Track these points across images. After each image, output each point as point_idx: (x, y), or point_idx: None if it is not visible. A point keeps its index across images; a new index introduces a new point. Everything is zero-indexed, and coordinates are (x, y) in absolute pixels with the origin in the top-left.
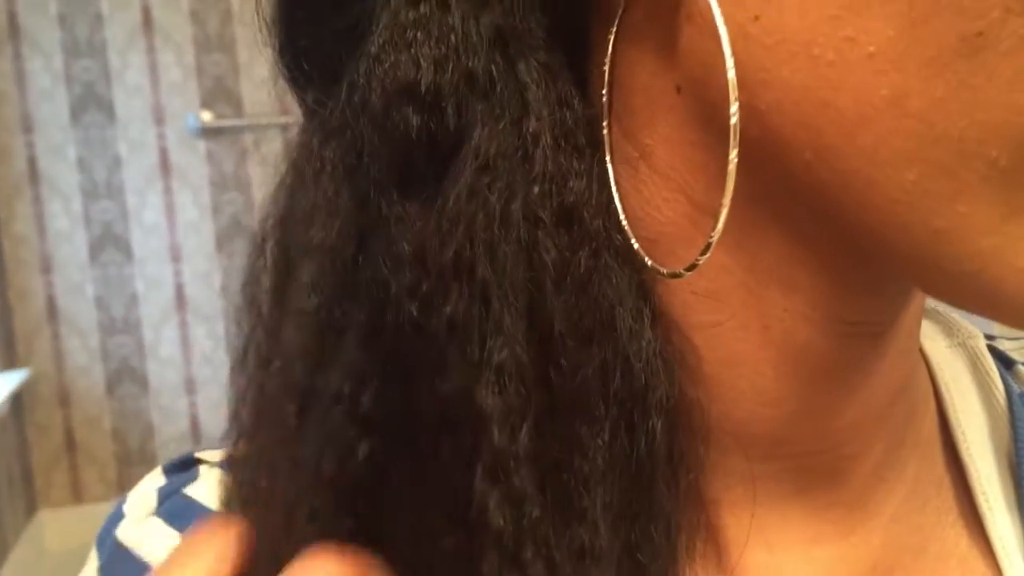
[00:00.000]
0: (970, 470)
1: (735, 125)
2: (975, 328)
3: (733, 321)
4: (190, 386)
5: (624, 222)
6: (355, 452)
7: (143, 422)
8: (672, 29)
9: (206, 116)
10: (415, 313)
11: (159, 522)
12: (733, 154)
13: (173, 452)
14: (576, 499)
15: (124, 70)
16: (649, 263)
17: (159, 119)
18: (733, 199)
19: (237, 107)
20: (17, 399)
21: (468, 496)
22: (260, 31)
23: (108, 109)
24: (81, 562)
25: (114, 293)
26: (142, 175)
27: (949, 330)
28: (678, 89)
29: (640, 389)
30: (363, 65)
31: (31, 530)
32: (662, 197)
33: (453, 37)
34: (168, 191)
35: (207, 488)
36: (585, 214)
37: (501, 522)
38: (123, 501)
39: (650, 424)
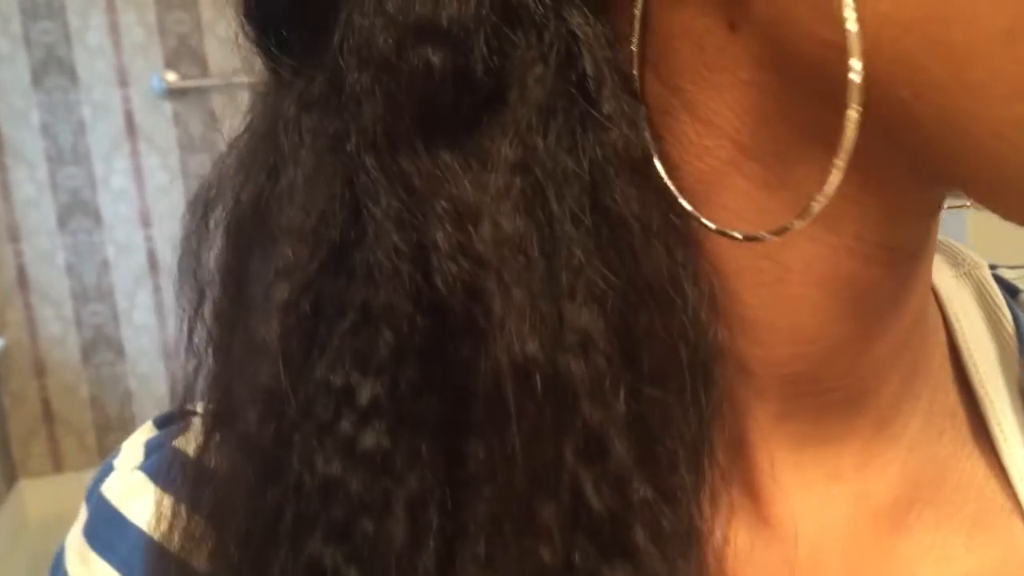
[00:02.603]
0: (983, 400)
1: (855, 79)
2: (979, 257)
3: (775, 264)
4: (167, 351)
5: (665, 177)
6: (354, 448)
7: (121, 389)
8: None
9: (171, 77)
10: (465, 275)
11: (142, 477)
12: (852, 112)
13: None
14: (670, 470)
15: (85, 31)
16: (714, 227)
17: (123, 81)
18: (783, 135)
19: (202, 67)
20: None
21: (553, 482)
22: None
23: (70, 72)
24: (64, 530)
25: (85, 260)
26: (108, 139)
27: (955, 260)
28: (731, 27)
29: (704, 345)
30: (359, 6)
31: (12, 500)
32: (703, 145)
33: None
34: (135, 155)
35: (196, 438)
36: (646, 163)
37: (604, 505)
38: (116, 454)
39: (711, 378)
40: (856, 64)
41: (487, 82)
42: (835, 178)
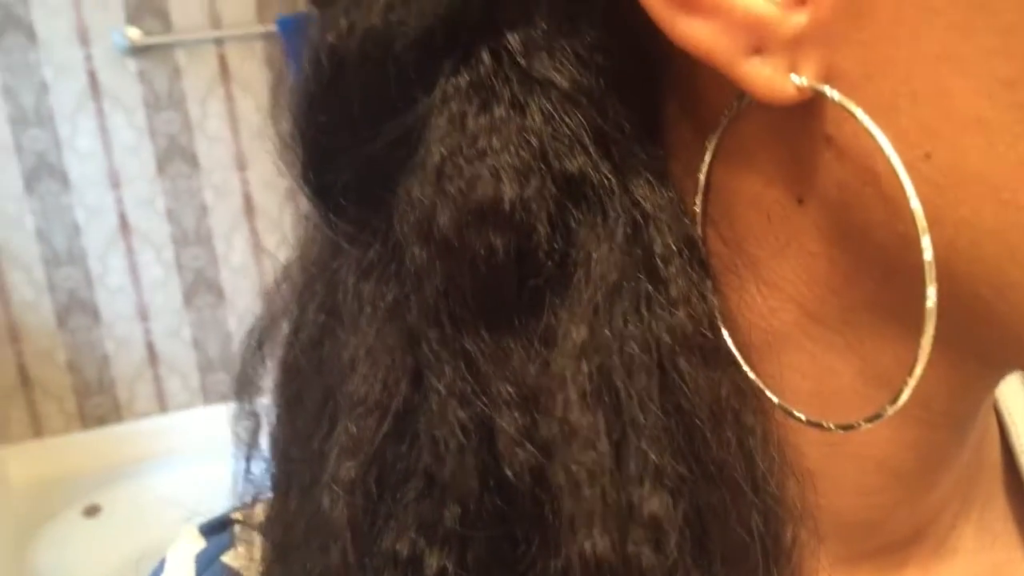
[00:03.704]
0: None
1: (930, 263)
2: None
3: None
4: (143, 313)
5: (738, 356)
6: None
7: (98, 353)
8: (800, 147)
9: (133, 33)
10: (532, 462)
11: None
12: (931, 292)
13: (132, 380)
14: None
15: None
16: (804, 418)
17: (84, 39)
18: (851, 305)
19: (165, 22)
20: None
21: None
22: (275, 146)
23: (28, 31)
24: (46, 494)
25: (54, 224)
26: (72, 99)
27: None
28: (800, 201)
29: (775, 513)
30: (418, 184)
31: None
32: (768, 306)
33: (536, 141)
34: (100, 114)
35: (245, 555)
36: (714, 335)
37: None
38: (163, 561)
39: (781, 545)
40: (926, 242)
41: (550, 263)
42: (919, 367)
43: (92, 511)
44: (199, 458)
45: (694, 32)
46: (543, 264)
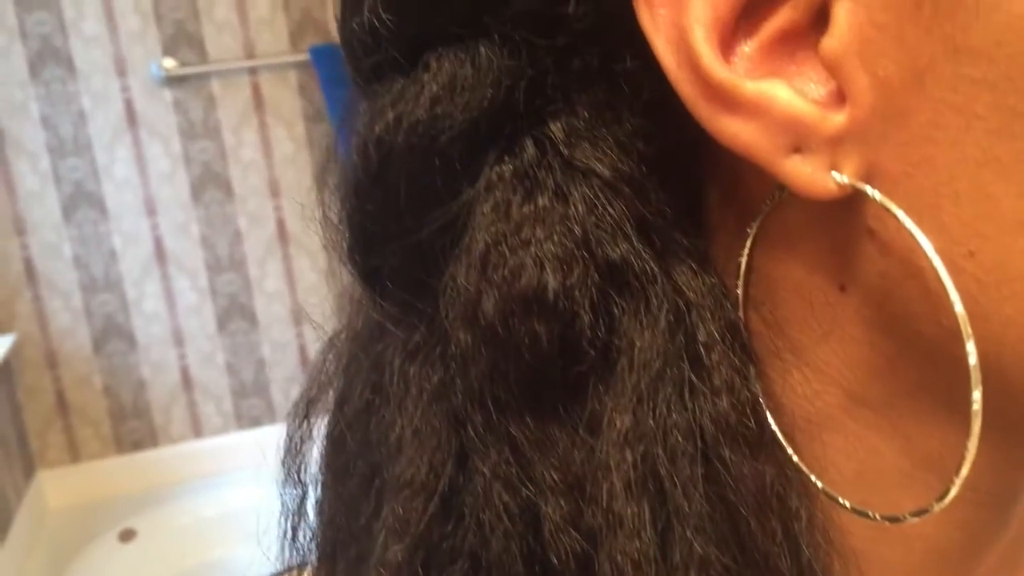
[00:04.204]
0: None
1: (975, 366)
2: None
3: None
4: (178, 338)
5: (785, 444)
6: None
7: (134, 377)
8: (842, 238)
9: (169, 64)
10: (578, 549)
11: None
12: (976, 396)
13: (167, 405)
14: None
15: (79, 20)
16: (849, 506)
17: (121, 70)
18: (896, 390)
19: (201, 52)
20: (6, 365)
21: None
22: (323, 230)
23: (67, 63)
24: (82, 519)
25: (92, 251)
26: (109, 129)
27: None
28: (842, 288)
29: None
30: (463, 270)
31: (32, 492)
32: (811, 389)
33: (579, 229)
34: (137, 143)
35: None
36: (757, 422)
37: None
38: None
39: None
40: (970, 346)
41: (594, 350)
42: (966, 467)
43: (127, 536)
44: (233, 483)
45: (734, 130)
46: (587, 352)
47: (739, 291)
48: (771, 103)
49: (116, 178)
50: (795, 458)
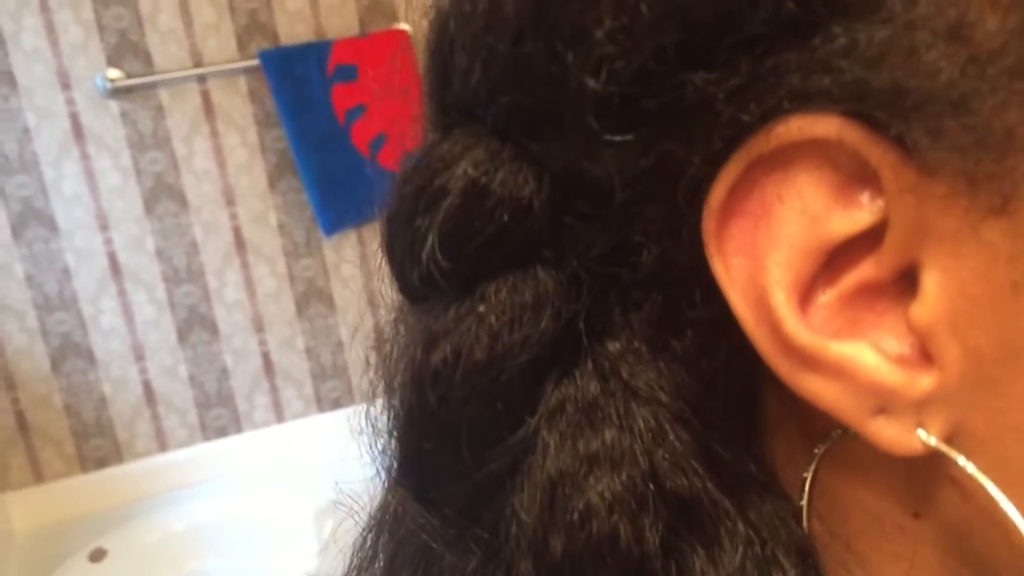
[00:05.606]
0: None
1: None
2: None
3: None
4: (138, 353)
5: None
6: None
7: (95, 394)
8: (921, 478)
9: (114, 74)
10: None
11: None
12: None
13: (130, 420)
14: None
15: (19, 33)
16: None
17: (65, 83)
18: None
19: (146, 62)
20: None
21: None
22: (372, 448)
23: (8, 78)
24: (51, 540)
25: (44, 270)
26: (55, 144)
27: None
28: (916, 516)
29: None
30: (526, 503)
31: None
32: None
33: (645, 462)
34: (85, 158)
35: None
36: None
37: None
38: None
39: None
40: None
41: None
42: None
43: (98, 555)
44: (201, 495)
45: (816, 387)
46: (650, 568)
47: (803, 503)
48: (856, 368)
49: (65, 194)
50: None
